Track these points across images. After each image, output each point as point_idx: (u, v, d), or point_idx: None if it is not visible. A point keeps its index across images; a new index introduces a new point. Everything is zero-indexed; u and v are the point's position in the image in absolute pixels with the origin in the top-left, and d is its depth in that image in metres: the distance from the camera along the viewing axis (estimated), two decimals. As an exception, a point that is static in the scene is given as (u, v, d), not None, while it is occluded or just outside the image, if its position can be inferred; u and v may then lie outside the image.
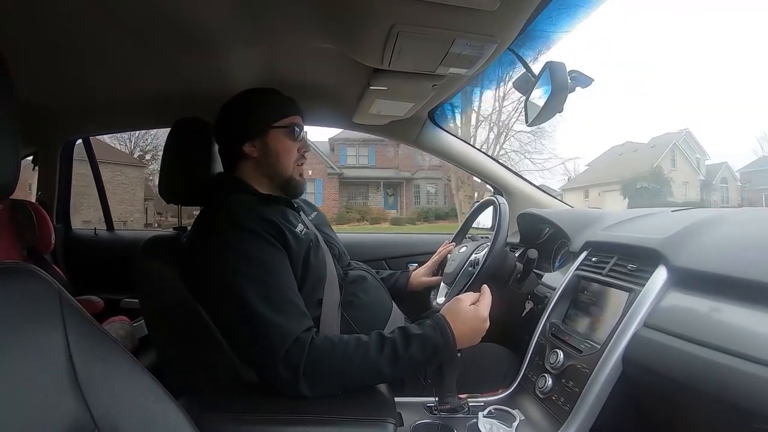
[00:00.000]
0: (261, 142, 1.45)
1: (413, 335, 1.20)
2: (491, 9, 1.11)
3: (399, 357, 1.16)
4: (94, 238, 2.96)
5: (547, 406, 1.24)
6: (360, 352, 1.16)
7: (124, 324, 2.25)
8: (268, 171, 1.47)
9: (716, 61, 57.03)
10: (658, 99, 57.41)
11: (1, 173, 0.70)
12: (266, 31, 1.50)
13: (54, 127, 2.64)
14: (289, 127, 1.46)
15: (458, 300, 1.28)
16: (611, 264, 1.32)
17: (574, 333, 1.30)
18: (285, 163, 1.47)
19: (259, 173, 1.48)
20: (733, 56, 58.53)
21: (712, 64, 56.13)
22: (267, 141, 1.45)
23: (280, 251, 1.27)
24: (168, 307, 1.35)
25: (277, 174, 1.47)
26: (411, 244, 2.69)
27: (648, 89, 56.68)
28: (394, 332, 1.22)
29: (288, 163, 1.47)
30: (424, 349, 1.18)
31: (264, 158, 1.46)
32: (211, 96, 1.53)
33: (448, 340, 1.20)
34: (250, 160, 1.47)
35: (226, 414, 1.10)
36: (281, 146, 1.46)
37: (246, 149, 1.46)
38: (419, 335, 1.20)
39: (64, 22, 1.39)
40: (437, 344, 1.19)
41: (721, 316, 0.93)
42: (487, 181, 2.56)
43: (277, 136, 1.46)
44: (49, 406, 0.68)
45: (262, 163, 1.47)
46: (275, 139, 1.46)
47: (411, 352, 1.17)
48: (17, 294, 0.70)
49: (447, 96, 1.99)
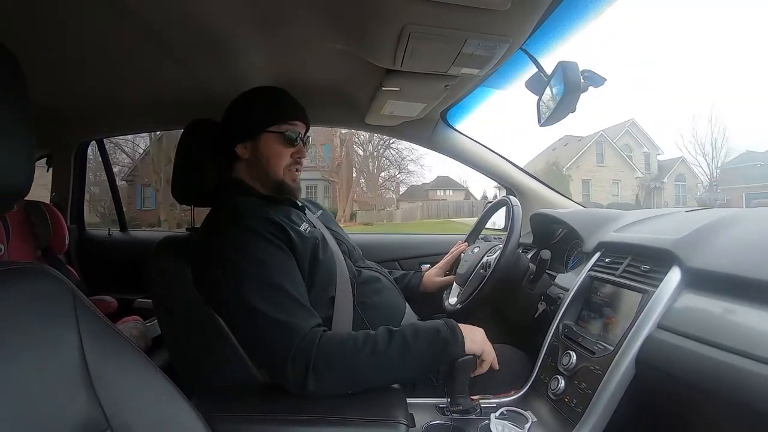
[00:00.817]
0: (252, 145, 1.47)
1: (423, 329, 1.22)
2: (503, 9, 1.10)
3: (408, 348, 1.17)
4: (107, 239, 2.99)
5: (559, 408, 1.24)
6: (369, 345, 1.17)
7: (137, 324, 2.28)
8: (259, 174, 1.48)
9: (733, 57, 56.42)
10: (667, 94, 56.95)
11: (16, 175, 0.71)
12: (278, 33, 1.51)
13: (68, 130, 2.67)
14: (283, 132, 1.46)
15: (474, 326, 1.31)
16: (624, 265, 1.31)
17: (587, 334, 1.29)
18: (275, 168, 1.47)
19: (252, 175, 1.49)
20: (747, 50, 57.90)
21: (729, 59, 55.48)
22: (257, 144, 1.46)
23: (284, 252, 1.27)
24: (181, 306, 1.36)
25: (267, 178, 1.48)
26: (423, 245, 2.68)
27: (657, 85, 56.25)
28: (403, 326, 1.23)
29: (278, 168, 1.47)
30: (433, 344, 1.20)
31: (254, 161, 1.47)
32: (224, 97, 1.54)
33: (457, 339, 1.22)
34: (243, 162, 1.49)
35: (238, 413, 1.10)
36: (271, 151, 1.46)
37: (238, 150, 1.47)
38: (429, 330, 1.21)
39: (80, 25, 1.40)
40: (447, 340, 1.20)
41: (736, 318, 0.92)
42: (501, 182, 2.55)
43: (268, 140, 1.46)
44: (62, 404, 0.69)
45: (252, 165, 1.48)
46: (266, 144, 1.46)
47: (420, 346, 1.19)
48: (31, 294, 0.71)
49: (459, 96, 1.99)
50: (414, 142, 2.58)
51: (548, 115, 1.48)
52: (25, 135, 0.71)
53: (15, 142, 0.70)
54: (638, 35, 68.53)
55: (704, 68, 56.45)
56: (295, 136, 1.47)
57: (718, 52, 60.37)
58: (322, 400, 1.14)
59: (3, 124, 0.68)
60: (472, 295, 1.64)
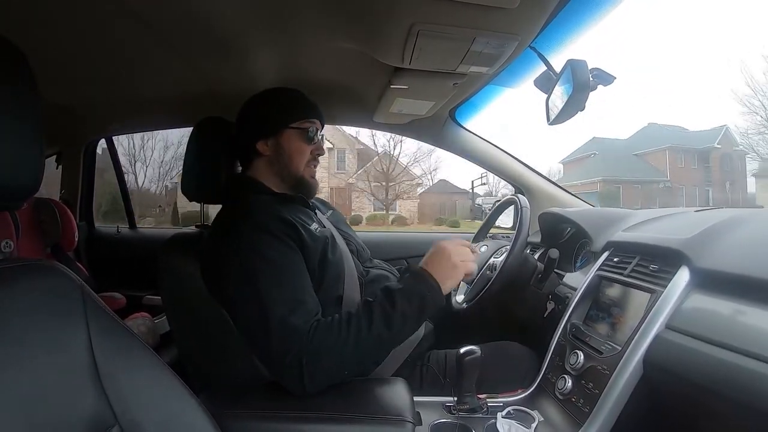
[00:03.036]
0: (274, 141, 1.47)
1: (395, 291, 1.21)
2: (512, 6, 1.10)
3: (390, 316, 1.17)
4: (116, 236, 3.01)
5: (566, 408, 1.23)
6: (353, 323, 1.16)
7: (145, 320, 2.29)
8: (280, 170, 1.48)
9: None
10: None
11: (25, 173, 0.72)
12: (287, 31, 1.51)
13: (77, 127, 2.69)
14: (304, 128, 1.47)
15: (434, 245, 1.33)
16: (633, 264, 1.31)
17: (594, 334, 1.29)
18: (297, 164, 1.48)
19: (271, 172, 1.49)
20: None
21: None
22: (280, 140, 1.46)
23: (295, 251, 1.27)
24: (190, 303, 1.37)
25: (288, 174, 1.48)
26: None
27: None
28: (377, 295, 1.23)
29: (299, 164, 1.48)
30: (411, 302, 1.19)
31: (276, 157, 1.47)
32: (233, 95, 1.54)
33: (431, 287, 1.22)
34: (263, 158, 1.48)
35: (245, 410, 1.10)
36: (294, 146, 1.47)
37: (259, 147, 1.47)
38: (401, 289, 1.21)
39: (89, 23, 1.41)
40: (422, 293, 1.21)
41: (745, 319, 0.91)
42: (509, 180, 2.54)
43: (291, 136, 1.47)
44: (71, 400, 0.69)
45: (274, 161, 1.48)
46: (289, 139, 1.47)
47: (400, 308, 1.18)
48: (40, 290, 0.72)
49: (468, 94, 1.98)
50: (423, 141, 2.58)
51: (557, 113, 1.48)
52: (35, 133, 0.72)
53: (25, 140, 0.71)
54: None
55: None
56: (314, 132, 1.49)
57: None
58: (328, 397, 1.14)
59: (14, 123, 0.69)
60: (479, 295, 1.65)
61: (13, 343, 0.66)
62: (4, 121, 0.68)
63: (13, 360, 0.65)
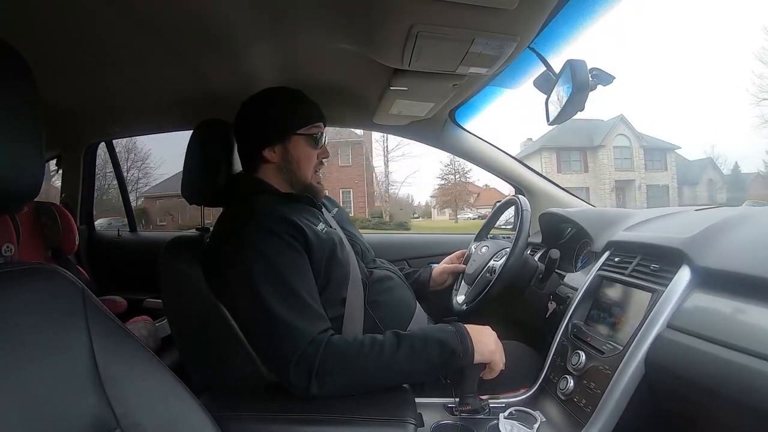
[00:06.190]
0: (282, 148, 1.46)
1: (432, 337, 1.21)
2: (511, 7, 1.10)
3: (415, 353, 1.17)
4: (117, 239, 3.01)
5: (568, 408, 1.23)
6: (375, 350, 1.17)
7: (146, 323, 2.29)
8: (288, 177, 1.47)
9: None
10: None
11: (26, 176, 0.72)
12: (287, 33, 1.51)
13: (77, 130, 2.69)
14: (312, 134, 1.47)
15: (484, 326, 1.30)
16: (634, 264, 1.31)
17: (596, 334, 1.29)
18: (305, 170, 1.47)
19: (280, 178, 1.48)
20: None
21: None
22: (288, 147, 1.46)
23: (299, 253, 1.27)
24: (191, 306, 1.37)
25: (296, 180, 1.48)
26: (433, 244, 2.69)
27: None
28: (414, 331, 1.23)
29: (308, 170, 1.48)
30: (441, 353, 1.19)
31: (284, 164, 1.46)
32: (233, 98, 1.54)
33: (467, 349, 1.21)
34: (271, 165, 1.47)
35: (247, 413, 1.11)
36: (302, 153, 1.46)
37: (266, 154, 1.46)
38: (439, 338, 1.21)
39: (88, 25, 1.41)
40: (455, 350, 1.20)
41: (747, 318, 0.91)
42: (510, 181, 2.54)
43: (298, 142, 1.46)
44: (72, 403, 0.69)
45: (282, 168, 1.47)
46: (297, 146, 1.46)
47: (428, 352, 1.18)
48: (41, 294, 0.72)
49: (468, 95, 1.98)
50: (423, 142, 2.57)
51: (557, 113, 1.48)
52: (35, 136, 0.72)
53: (25, 143, 0.71)
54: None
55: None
56: (320, 136, 1.49)
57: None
58: (330, 399, 1.14)
59: (14, 126, 0.69)
60: (478, 297, 1.65)
61: (14, 346, 0.66)
62: (4, 123, 0.68)
63: (15, 363, 0.65)
